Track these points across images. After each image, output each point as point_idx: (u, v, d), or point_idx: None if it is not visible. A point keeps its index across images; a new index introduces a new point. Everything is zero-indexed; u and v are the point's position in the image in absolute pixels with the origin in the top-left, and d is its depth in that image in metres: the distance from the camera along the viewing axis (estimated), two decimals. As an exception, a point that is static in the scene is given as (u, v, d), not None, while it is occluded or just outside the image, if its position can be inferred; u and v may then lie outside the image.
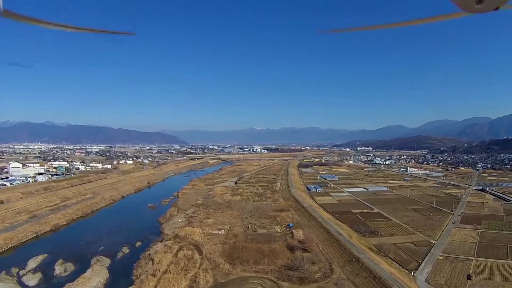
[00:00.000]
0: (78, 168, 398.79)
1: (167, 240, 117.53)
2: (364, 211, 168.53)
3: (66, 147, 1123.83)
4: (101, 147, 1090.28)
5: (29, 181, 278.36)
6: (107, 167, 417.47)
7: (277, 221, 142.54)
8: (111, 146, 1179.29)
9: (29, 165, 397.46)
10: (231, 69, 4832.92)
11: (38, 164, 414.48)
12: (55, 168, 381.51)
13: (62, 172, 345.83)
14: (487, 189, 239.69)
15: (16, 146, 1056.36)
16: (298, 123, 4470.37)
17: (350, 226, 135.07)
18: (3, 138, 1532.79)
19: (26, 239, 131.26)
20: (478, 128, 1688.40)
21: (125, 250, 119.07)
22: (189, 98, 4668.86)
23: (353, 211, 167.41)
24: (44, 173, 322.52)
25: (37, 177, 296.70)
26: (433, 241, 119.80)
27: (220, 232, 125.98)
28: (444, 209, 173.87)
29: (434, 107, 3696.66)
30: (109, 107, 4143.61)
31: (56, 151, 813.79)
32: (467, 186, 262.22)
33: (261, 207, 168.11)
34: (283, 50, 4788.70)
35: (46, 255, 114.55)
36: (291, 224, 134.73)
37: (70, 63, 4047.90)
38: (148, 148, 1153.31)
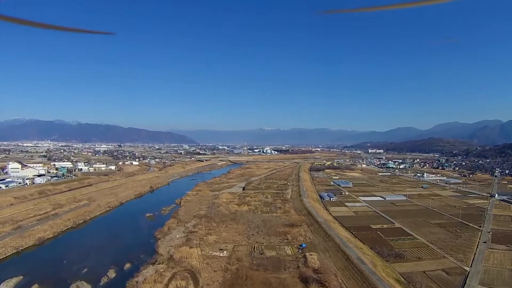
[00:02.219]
0: (81, 169, 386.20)
1: (159, 264, 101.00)
2: (384, 226, 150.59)
3: (75, 145, 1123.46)
4: (110, 146, 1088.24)
5: (26, 183, 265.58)
6: (111, 169, 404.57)
7: (287, 239, 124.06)
8: (120, 145, 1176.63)
9: (30, 165, 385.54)
10: (241, 69, 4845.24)
11: (41, 164, 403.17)
12: (56, 169, 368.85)
13: (63, 173, 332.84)
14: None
15: (25, 144, 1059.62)
16: (308, 124, 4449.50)
17: (371, 247, 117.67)
18: (13, 136, 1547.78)
19: (4, 256, 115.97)
20: (489, 131, 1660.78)
21: (111, 273, 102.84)
22: (199, 98, 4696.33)
23: (372, 226, 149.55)
24: (44, 175, 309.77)
25: (35, 179, 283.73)
26: (467, 268, 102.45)
27: (221, 254, 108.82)
28: (471, 224, 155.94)
29: (444, 109, 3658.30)
30: (119, 106, 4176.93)
31: (64, 150, 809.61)
32: (489, 195, 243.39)
33: (270, 221, 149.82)
34: (293, 51, 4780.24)
35: (21, 277, 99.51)
36: (303, 245, 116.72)
37: (80, 62, 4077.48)
38: (157, 147, 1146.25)
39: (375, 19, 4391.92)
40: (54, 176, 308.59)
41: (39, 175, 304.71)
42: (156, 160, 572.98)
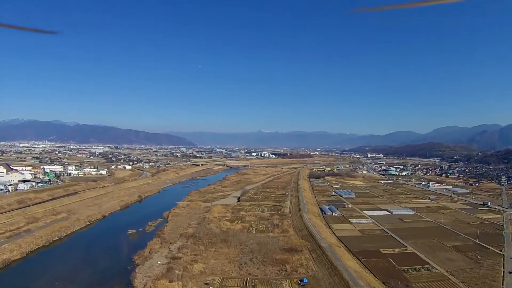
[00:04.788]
0: (70, 174, 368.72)
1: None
2: (396, 250, 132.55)
3: (71, 146, 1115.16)
4: (106, 148, 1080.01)
5: (9, 190, 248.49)
6: (101, 173, 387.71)
7: (286, 271, 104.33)
8: (117, 147, 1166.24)
9: (18, 169, 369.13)
10: (240, 71, 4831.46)
11: (30, 168, 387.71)
12: (45, 173, 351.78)
13: (50, 179, 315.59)
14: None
15: (21, 145, 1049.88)
16: (307, 127, 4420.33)
17: (384, 281, 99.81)
18: (10, 136, 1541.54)
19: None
20: (488, 135, 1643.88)
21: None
22: (198, 99, 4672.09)
23: (382, 251, 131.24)
24: (29, 180, 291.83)
25: (19, 185, 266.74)
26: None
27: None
28: (490, 247, 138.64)
29: (443, 113, 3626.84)
30: (118, 107, 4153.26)
31: (59, 151, 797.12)
32: (502, 209, 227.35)
33: (266, 244, 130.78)
34: (292, 53, 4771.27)
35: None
36: (305, 280, 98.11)
37: (79, 63, 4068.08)
38: (154, 149, 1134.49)
39: (374, 21, 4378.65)
40: (39, 182, 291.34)
41: (24, 181, 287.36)
42: (151, 164, 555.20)
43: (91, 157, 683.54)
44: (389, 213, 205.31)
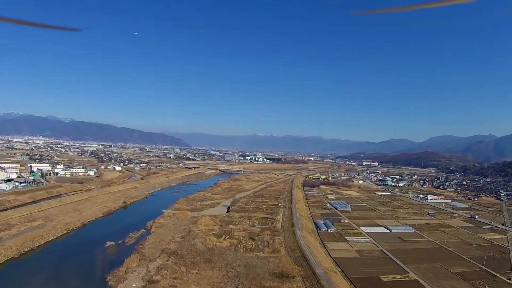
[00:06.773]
0: (57, 174, 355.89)
1: None
2: (397, 277, 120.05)
3: (65, 143, 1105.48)
4: (100, 146, 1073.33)
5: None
6: (89, 174, 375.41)
7: None
8: (111, 146, 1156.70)
9: (5, 166, 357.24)
10: (237, 74, 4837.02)
11: (17, 165, 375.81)
12: (31, 172, 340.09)
13: (34, 178, 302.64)
14: None
15: (15, 139, 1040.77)
16: (302, 132, 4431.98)
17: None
18: (5, 130, 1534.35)
19: None
20: (483, 146, 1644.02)
21: None
22: (194, 101, 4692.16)
23: (382, 277, 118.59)
24: (12, 180, 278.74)
25: (1, 185, 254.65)
26: None
27: (183, 329, 78.96)
28: (498, 275, 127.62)
29: (438, 122, 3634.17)
30: (114, 105, 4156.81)
31: (51, 148, 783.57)
32: (505, 227, 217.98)
33: (254, 267, 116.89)
34: (288, 57, 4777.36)
35: None
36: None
37: (77, 60, 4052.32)
38: (147, 149, 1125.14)
39: (372, 27, 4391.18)
40: (22, 182, 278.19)
41: (7, 180, 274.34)
42: (142, 165, 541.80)
43: (82, 156, 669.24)
44: (388, 231, 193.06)
